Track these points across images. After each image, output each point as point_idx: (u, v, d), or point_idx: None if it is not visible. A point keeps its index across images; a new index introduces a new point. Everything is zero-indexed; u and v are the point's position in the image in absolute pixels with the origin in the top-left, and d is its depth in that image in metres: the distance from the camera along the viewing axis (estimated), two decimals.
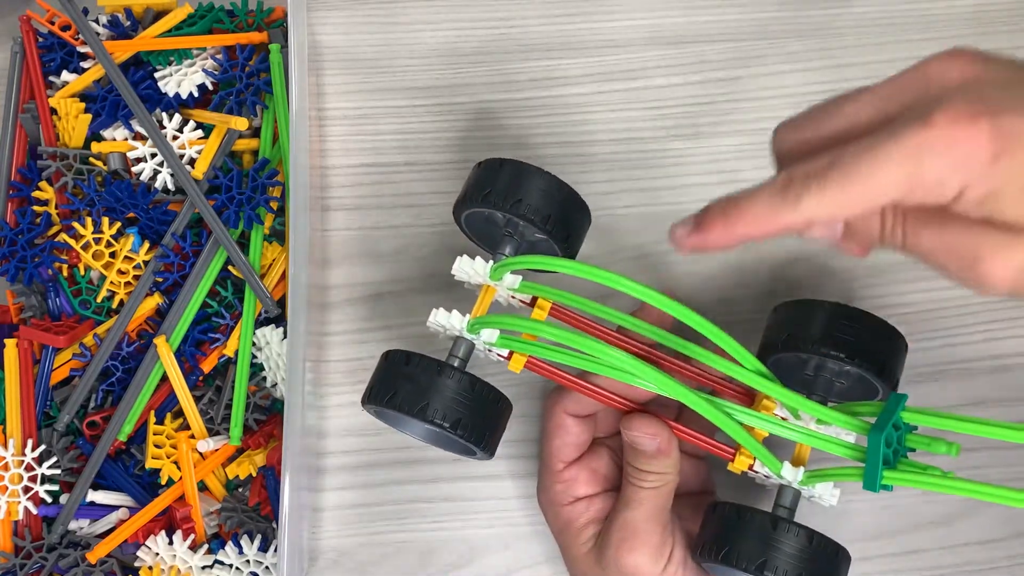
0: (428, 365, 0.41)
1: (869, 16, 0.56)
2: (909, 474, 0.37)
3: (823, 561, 0.40)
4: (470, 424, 0.41)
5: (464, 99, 0.56)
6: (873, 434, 0.38)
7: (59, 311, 0.52)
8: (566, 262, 0.41)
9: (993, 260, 0.32)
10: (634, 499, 0.42)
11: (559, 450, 0.46)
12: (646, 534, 0.42)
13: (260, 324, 0.52)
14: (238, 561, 0.49)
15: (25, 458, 0.49)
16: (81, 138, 0.53)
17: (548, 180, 0.44)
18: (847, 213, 0.32)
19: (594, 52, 0.56)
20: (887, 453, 0.37)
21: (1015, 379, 0.52)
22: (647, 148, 0.55)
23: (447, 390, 0.40)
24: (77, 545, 0.50)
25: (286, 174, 0.51)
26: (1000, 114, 0.31)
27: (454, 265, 0.44)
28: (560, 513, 0.46)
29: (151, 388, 0.51)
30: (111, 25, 0.54)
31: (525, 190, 0.43)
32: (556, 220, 0.44)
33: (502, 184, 0.44)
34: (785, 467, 0.41)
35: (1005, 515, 0.50)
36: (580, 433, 0.46)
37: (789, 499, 0.42)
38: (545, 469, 0.47)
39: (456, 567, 0.51)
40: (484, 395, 0.41)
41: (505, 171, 0.44)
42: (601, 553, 0.43)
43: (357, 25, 0.57)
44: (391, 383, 0.41)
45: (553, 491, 0.46)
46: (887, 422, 0.37)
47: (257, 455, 0.51)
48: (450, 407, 0.40)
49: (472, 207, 0.45)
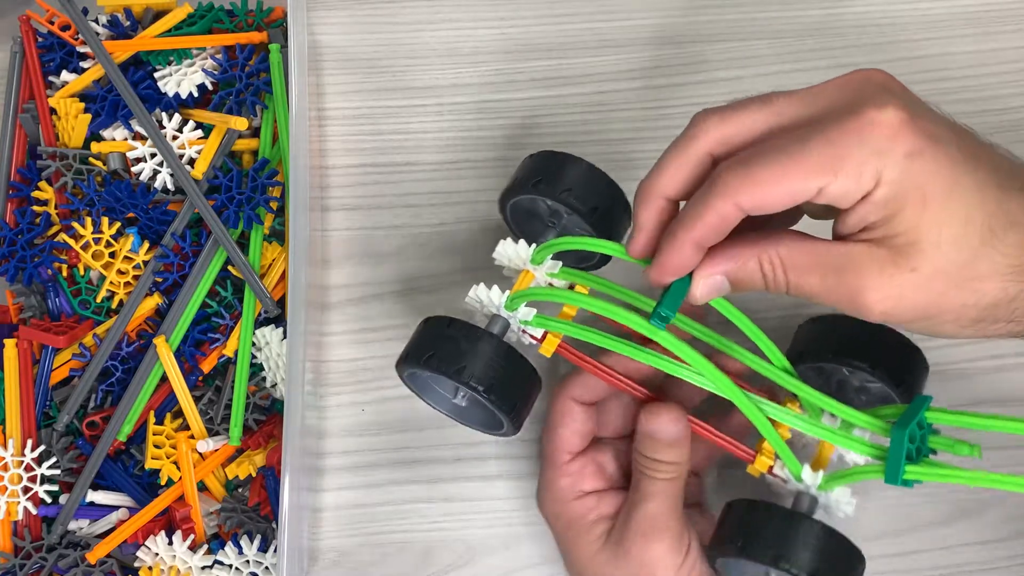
0: (469, 331, 0.42)
1: (869, 16, 0.56)
2: (931, 468, 0.37)
3: (840, 559, 0.40)
4: (503, 391, 0.41)
5: (464, 99, 0.56)
6: (897, 430, 0.38)
7: (59, 311, 0.52)
8: (611, 244, 0.41)
9: (872, 293, 0.33)
10: (652, 491, 0.42)
11: (565, 439, 0.45)
12: (667, 526, 0.42)
13: (260, 324, 0.52)
14: (238, 561, 0.49)
15: (25, 458, 0.49)
16: (81, 138, 0.53)
17: (597, 175, 0.45)
18: (772, 201, 0.33)
19: (594, 52, 0.56)
20: (910, 448, 0.38)
21: (1015, 379, 0.52)
22: (647, 148, 0.55)
23: (484, 355, 0.41)
24: (77, 545, 0.50)
25: (286, 174, 0.51)
26: (920, 118, 0.33)
27: (496, 248, 0.45)
28: (566, 510, 0.45)
29: (151, 388, 0.51)
30: (111, 25, 0.54)
31: (574, 181, 0.44)
32: (602, 213, 0.44)
33: (552, 174, 0.44)
34: (805, 470, 0.41)
35: (1005, 515, 0.50)
36: (586, 421, 0.45)
37: (806, 505, 0.41)
38: (549, 465, 0.46)
39: (456, 567, 0.51)
40: (519, 365, 0.42)
41: (556, 161, 0.45)
42: (618, 548, 0.43)
43: (357, 25, 0.57)
44: (430, 345, 0.42)
45: (558, 487, 0.45)
46: (911, 420, 0.38)
47: (257, 455, 0.51)
48: (486, 372, 0.41)
49: (521, 194, 0.45)
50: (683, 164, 0.35)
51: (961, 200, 0.32)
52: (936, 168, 0.32)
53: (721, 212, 0.34)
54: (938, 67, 0.55)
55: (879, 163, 0.32)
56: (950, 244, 0.33)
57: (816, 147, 0.32)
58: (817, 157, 0.32)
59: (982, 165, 0.33)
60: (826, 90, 0.34)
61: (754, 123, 0.34)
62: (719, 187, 0.34)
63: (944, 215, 0.32)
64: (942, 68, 0.55)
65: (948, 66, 0.56)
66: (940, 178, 0.32)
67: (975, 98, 0.55)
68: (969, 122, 0.56)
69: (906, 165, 0.32)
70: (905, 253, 0.33)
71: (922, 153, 0.32)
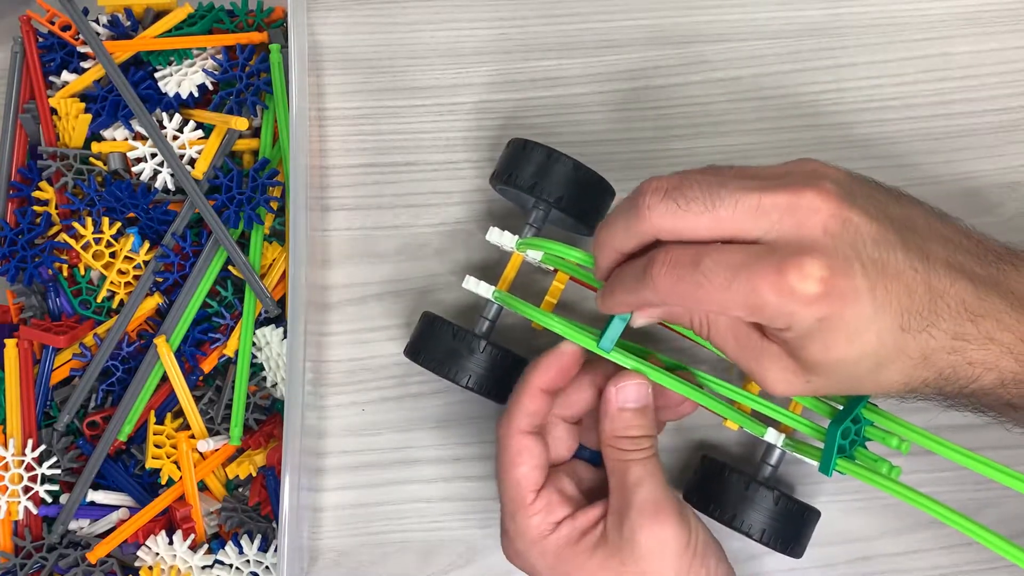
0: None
1: (869, 16, 0.56)
2: (858, 468, 0.41)
3: (791, 518, 0.46)
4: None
5: (464, 99, 0.56)
6: (832, 425, 0.41)
7: (59, 311, 0.52)
8: (577, 252, 0.43)
9: (775, 383, 0.38)
10: (643, 474, 0.41)
11: (526, 478, 0.43)
12: (669, 504, 0.41)
13: (260, 324, 0.52)
14: (238, 561, 0.49)
15: (25, 458, 0.49)
16: (81, 138, 0.53)
17: (564, 163, 0.47)
18: (700, 308, 0.38)
19: (594, 52, 0.56)
20: (843, 444, 0.41)
21: None
22: (647, 148, 0.55)
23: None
24: (77, 545, 0.50)
25: (286, 174, 0.51)
26: (841, 275, 0.34)
27: (488, 233, 0.48)
28: (547, 545, 0.42)
29: (151, 388, 0.51)
30: (111, 25, 0.54)
31: (543, 172, 0.47)
32: (569, 200, 0.47)
33: (524, 166, 0.48)
34: (769, 431, 0.45)
35: (1004, 516, 0.50)
36: (541, 453, 0.43)
37: (774, 458, 0.47)
38: (514, 509, 0.43)
39: (456, 567, 0.51)
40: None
41: (526, 153, 0.48)
42: (621, 544, 0.41)
43: (357, 25, 0.57)
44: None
45: (529, 528, 0.43)
46: (846, 416, 0.41)
47: (257, 455, 0.51)
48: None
49: (499, 184, 0.49)
50: (633, 236, 0.38)
51: (865, 342, 0.35)
52: (845, 321, 0.35)
53: (653, 303, 0.38)
54: (938, 67, 0.56)
55: (791, 320, 0.35)
56: (848, 370, 0.36)
57: (741, 290, 0.35)
58: (742, 299, 0.35)
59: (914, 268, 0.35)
60: (768, 213, 0.36)
61: (696, 229, 0.36)
62: (657, 287, 0.37)
63: (846, 354, 0.35)
64: (942, 68, 0.55)
65: (948, 66, 0.56)
66: (847, 331, 0.35)
67: (975, 98, 0.55)
68: (969, 122, 0.56)
69: (815, 326, 0.35)
70: (808, 368, 0.36)
71: (838, 314, 0.34)
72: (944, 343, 0.35)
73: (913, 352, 0.36)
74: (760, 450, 0.48)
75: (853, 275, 0.34)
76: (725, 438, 0.52)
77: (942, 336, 0.35)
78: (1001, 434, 0.41)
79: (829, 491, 0.51)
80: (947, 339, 0.35)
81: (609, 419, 0.43)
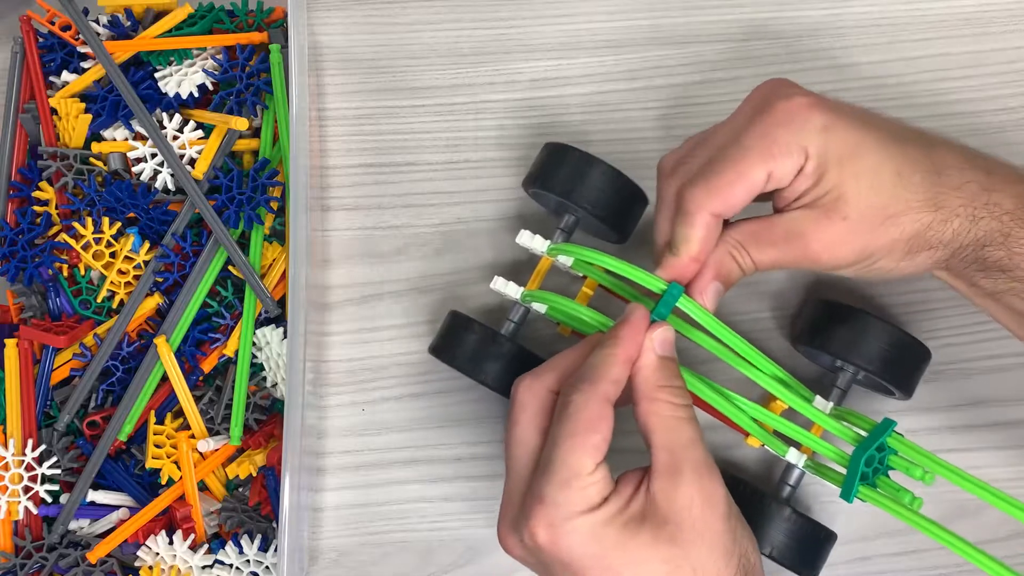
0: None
1: (869, 16, 0.56)
2: (880, 496, 0.41)
3: (806, 538, 0.46)
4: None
5: (464, 99, 0.56)
6: (857, 451, 0.42)
7: (59, 311, 0.52)
8: (608, 258, 0.43)
9: (816, 245, 0.41)
10: (692, 434, 0.40)
11: (597, 448, 0.39)
12: (715, 466, 0.40)
13: (260, 324, 0.52)
14: (238, 561, 0.49)
15: (25, 458, 0.49)
16: (81, 138, 0.53)
17: (601, 169, 0.48)
18: (736, 201, 0.41)
19: (594, 52, 0.56)
20: (866, 471, 0.42)
21: (1014, 379, 0.52)
22: (647, 148, 0.55)
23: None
24: (77, 545, 0.50)
25: (286, 174, 0.51)
26: (820, 99, 0.42)
27: (518, 236, 0.48)
28: (589, 521, 0.39)
29: (151, 388, 0.51)
30: (111, 25, 0.54)
31: (579, 177, 0.48)
32: (606, 207, 0.48)
33: (561, 170, 0.48)
34: (791, 452, 0.45)
35: (1003, 516, 0.50)
36: (612, 425, 0.40)
37: (794, 478, 0.48)
38: (570, 476, 0.39)
39: (456, 567, 0.51)
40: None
41: (562, 157, 0.49)
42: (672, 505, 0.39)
43: (357, 25, 0.57)
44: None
45: (582, 498, 0.39)
46: (872, 444, 0.41)
47: (257, 455, 0.51)
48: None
49: (533, 188, 0.50)
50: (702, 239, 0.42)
51: (869, 155, 0.41)
52: (845, 134, 0.41)
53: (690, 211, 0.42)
54: (937, 67, 0.55)
55: (802, 140, 0.40)
56: (868, 190, 0.41)
57: (750, 142, 0.41)
58: (756, 150, 0.40)
59: (879, 126, 0.42)
60: (741, 107, 0.43)
61: (738, 186, 0.41)
62: (688, 203, 0.41)
63: (858, 168, 0.41)
64: (941, 68, 0.55)
65: (947, 66, 0.56)
66: (849, 141, 0.41)
67: (974, 98, 0.55)
68: (969, 122, 0.56)
69: (823, 136, 0.40)
70: (834, 207, 0.41)
71: (832, 124, 0.41)
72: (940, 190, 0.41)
73: (912, 187, 0.41)
74: (779, 470, 0.48)
75: (832, 101, 0.41)
76: (744, 456, 0.52)
77: (937, 181, 0.41)
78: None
79: (846, 509, 0.49)
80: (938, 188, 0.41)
81: (652, 369, 0.41)
